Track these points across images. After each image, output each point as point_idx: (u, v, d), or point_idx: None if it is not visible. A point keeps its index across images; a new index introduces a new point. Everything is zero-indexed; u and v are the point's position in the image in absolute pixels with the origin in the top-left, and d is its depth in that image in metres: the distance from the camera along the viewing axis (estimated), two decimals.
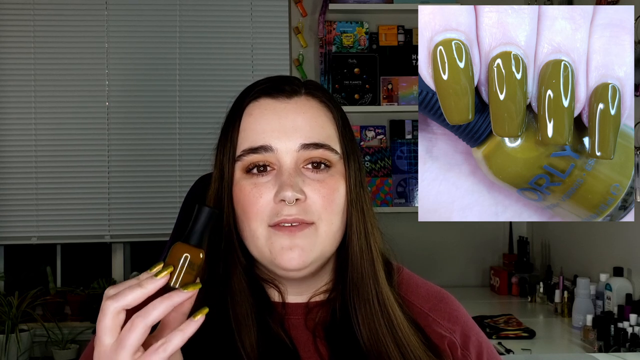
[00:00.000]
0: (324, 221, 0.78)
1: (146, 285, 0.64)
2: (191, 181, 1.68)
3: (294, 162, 0.78)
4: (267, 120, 0.80)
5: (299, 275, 0.79)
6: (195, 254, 0.67)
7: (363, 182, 0.83)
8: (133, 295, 0.64)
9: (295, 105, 0.81)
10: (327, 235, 0.79)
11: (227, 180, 0.81)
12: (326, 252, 0.80)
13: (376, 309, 0.81)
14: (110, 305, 0.64)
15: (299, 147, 0.78)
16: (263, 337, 0.79)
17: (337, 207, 0.79)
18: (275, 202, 0.77)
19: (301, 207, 0.77)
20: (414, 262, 1.12)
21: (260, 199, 0.78)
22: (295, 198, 0.76)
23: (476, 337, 0.89)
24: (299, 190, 0.77)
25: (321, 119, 0.81)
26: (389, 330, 0.80)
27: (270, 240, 0.78)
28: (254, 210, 0.78)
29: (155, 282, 0.65)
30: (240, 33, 3.13)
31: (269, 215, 0.77)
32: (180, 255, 0.67)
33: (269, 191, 0.78)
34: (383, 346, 0.79)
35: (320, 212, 0.78)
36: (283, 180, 0.77)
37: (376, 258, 0.83)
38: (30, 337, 2.86)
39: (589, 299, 2.34)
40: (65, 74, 3.06)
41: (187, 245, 0.68)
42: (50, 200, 3.04)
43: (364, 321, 0.80)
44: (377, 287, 0.82)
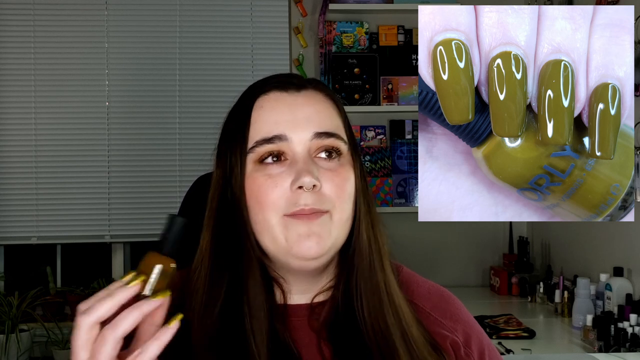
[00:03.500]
0: (337, 209, 0.79)
1: (116, 294, 0.65)
2: (191, 181, 1.68)
3: (307, 151, 0.79)
4: (279, 111, 0.81)
5: (315, 265, 0.79)
6: (166, 263, 0.68)
7: (365, 176, 0.85)
8: (104, 307, 0.64)
9: (305, 97, 0.82)
10: (340, 223, 0.79)
11: (238, 174, 0.81)
12: (339, 240, 0.80)
13: (384, 298, 0.81)
14: (82, 320, 0.64)
15: (312, 136, 0.79)
16: (270, 337, 0.79)
17: (348, 195, 0.80)
18: (292, 191, 0.77)
19: (316, 195, 0.77)
20: (414, 262, 1.12)
21: (275, 188, 0.78)
22: (313, 184, 0.76)
23: (478, 335, 0.89)
24: (316, 177, 0.77)
25: (329, 111, 0.83)
26: (397, 320, 0.81)
27: (286, 228, 0.77)
28: (270, 200, 0.78)
29: (126, 291, 0.65)
30: (240, 33, 3.13)
31: (286, 205, 0.77)
32: (152, 264, 0.68)
33: (284, 181, 0.78)
34: (390, 336, 0.79)
35: (334, 201, 0.79)
36: (300, 167, 0.77)
37: (382, 248, 0.84)
38: (30, 337, 2.85)
39: (589, 299, 2.34)
40: (65, 74, 3.05)
41: (159, 255, 0.69)
42: (50, 200, 3.04)
43: (370, 311, 0.80)
44: (385, 277, 0.82)
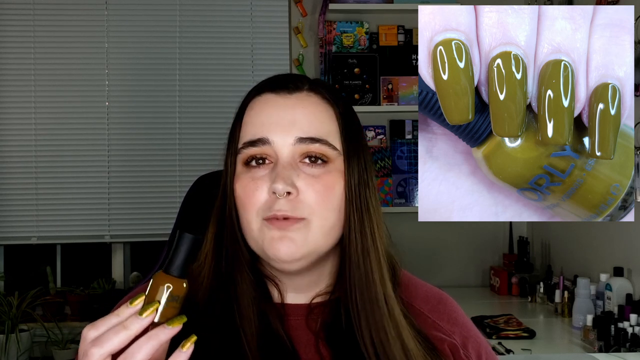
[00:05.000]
0: (317, 216, 0.78)
1: (131, 326, 0.63)
2: (191, 181, 1.68)
3: (290, 155, 0.79)
4: (267, 114, 0.81)
5: (292, 268, 0.79)
6: (178, 285, 0.65)
7: (369, 182, 0.82)
8: (118, 339, 0.62)
9: (296, 100, 0.81)
10: (321, 231, 0.78)
11: (230, 173, 0.82)
12: (320, 248, 0.79)
13: (384, 310, 0.80)
14: (96, 353, 0.62)
15: (295, 141, 0.78)
16: (263, 332, 0.79)
17: (331, 204, 0.79)
18: (269, 195, 0.78)
19: (292, 203, 0.77)
20: (414, 262, 1.11)
21: (256, 191, 0.78)
22: (286, 191, 0.76)
23: (475, 339, 0.89)
24: (291, 183, 0.77)
25: (321, 115, 0.81)
26: (398, 334, 0.79)
27: (262, 231, 0.78)
28: (251, 202, 0.79)
29: (141, 322, 0.63)
30: (240, 33, 3.13)
31: (264, 208, 0.78)
32: (163, 288, 0.65)
33: (264, 184, 0.78)
34: (390, 351, 0.78)
35: (314, 208, 0.78)
36: (276, 173, 0.77)
37: (382, 259, 0.82)
38: (30, 337, 2.85)
39: (589, 299, 2.34)
40: (65, 74, 3.05)
41: (170, 277, 0.65)
42: (50, 200, 3.04)
43: (368, 323, 0.79)
44: (384, 289, 0.81)
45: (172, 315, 0.65)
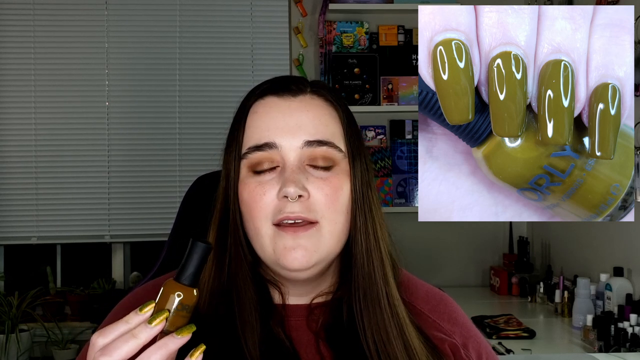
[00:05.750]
0: (328, 220, 0.78)
1: (140, 335, 0.62)
2: (191, 181, 1.67)
3: (297, 159, 0.79)
4: (272, 118, 0.80)
5: (303, 276, 0.79)
6: (188, 294, 0.65)
7: (370, 183, 0.83)
8: (127, 348, 0.62)
9: (300, 104, 0.81)
10: (332, 235, 0.79)
11: (233, 178, 0.81)
12: (331, 253, 0.80)
13: (387, 311, 0.80)
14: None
15: (302, 144, 0.79)
16: (265, 337, 0.79)
17: (340, 206, 0.79)
18: (279, 199, 0.77)
19: (304, 205, 0.77)
20: (414, 262, 1.11)
21: (264, 196, 0.78)
22: (298, 195, 0.76)
23: (475, 339, 0.89)
24: (302, 187, 0.77)
25: (325, 118, 0.81)
26: (400, 334, 0.80)
27: (274, 240, 0.77)
28: (258, 207, 0.78)
29: (150, 331, 0.63)
30: (240, 33, 3.13)
31: (273, 213, 0.77)
32: (173, 296, 0.64)
33: (272, 188, 0.78)
34: (392, 350, 0.78)
35: (324, 211, 0.78)
36: (286, 177, 0.77)
37: (385, 259, 0.82)
38: (30, 337, 2.86)
39: (589, 299, 2.34)
40: (65, 74, 3.06)
41: (180, 285, 0.65)
42: (50, 200, 3.04)
43: (371, 324, 0.79)
44: (387, 289, 0.81)
45: (181, 324, 0.64)
